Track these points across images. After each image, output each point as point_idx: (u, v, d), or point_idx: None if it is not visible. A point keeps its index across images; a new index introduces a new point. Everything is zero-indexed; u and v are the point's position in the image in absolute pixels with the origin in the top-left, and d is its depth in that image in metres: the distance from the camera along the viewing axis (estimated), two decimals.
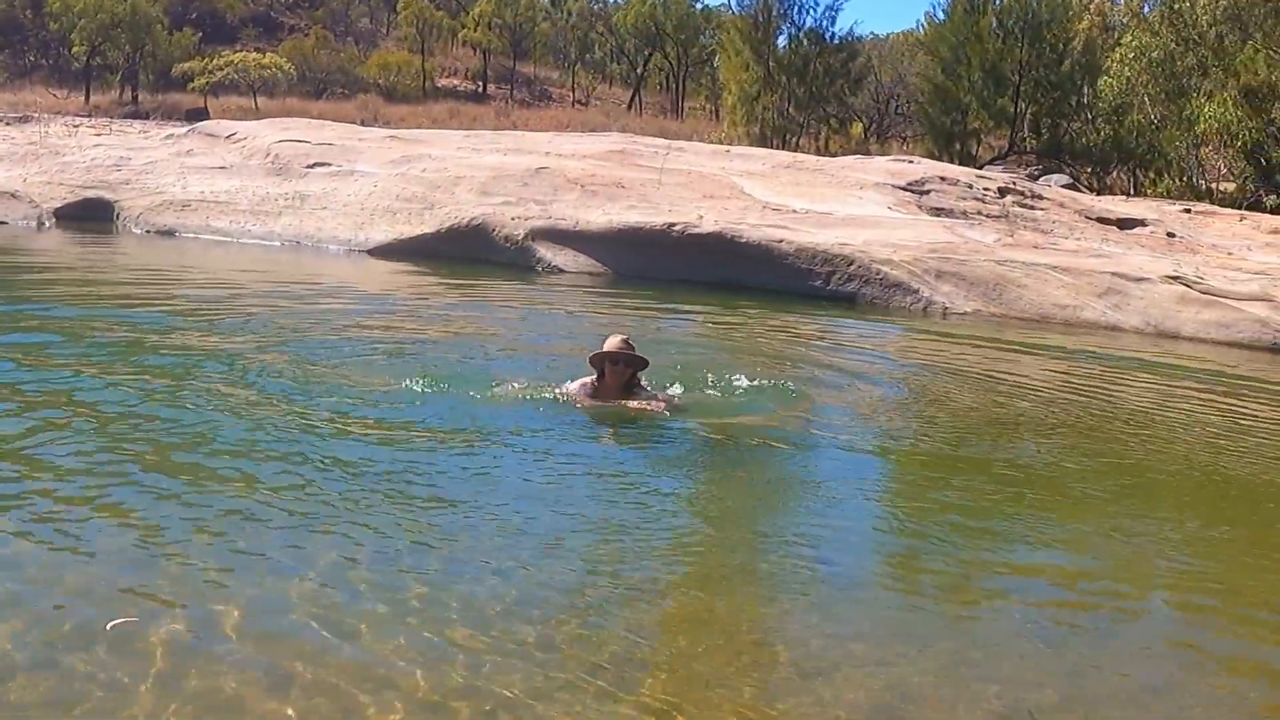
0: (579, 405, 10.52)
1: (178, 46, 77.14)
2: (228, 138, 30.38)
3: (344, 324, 14.75)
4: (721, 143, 42.41)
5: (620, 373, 10.50)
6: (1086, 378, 15.27)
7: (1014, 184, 28.80)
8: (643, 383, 10.76)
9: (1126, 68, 43.59)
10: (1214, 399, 14.66)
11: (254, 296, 17.04)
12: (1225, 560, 8.24)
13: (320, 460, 8.54)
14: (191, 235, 24.87)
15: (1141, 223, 26.22)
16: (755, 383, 12.00)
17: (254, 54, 73.23)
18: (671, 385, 11.27)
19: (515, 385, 11.03)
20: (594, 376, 10.64)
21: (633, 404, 10.53)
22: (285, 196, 25.90)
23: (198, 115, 55.60)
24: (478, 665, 5.55)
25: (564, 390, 10.73)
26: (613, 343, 10.61)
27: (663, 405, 10.64)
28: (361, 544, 6.97)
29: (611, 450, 9.92)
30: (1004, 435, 11.32)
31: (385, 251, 23.56)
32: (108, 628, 5.60)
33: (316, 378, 11.20)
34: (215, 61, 70.33)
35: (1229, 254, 24.22)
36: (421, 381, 11.04)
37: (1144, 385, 15.10)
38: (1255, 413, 13.84)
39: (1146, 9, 46.47)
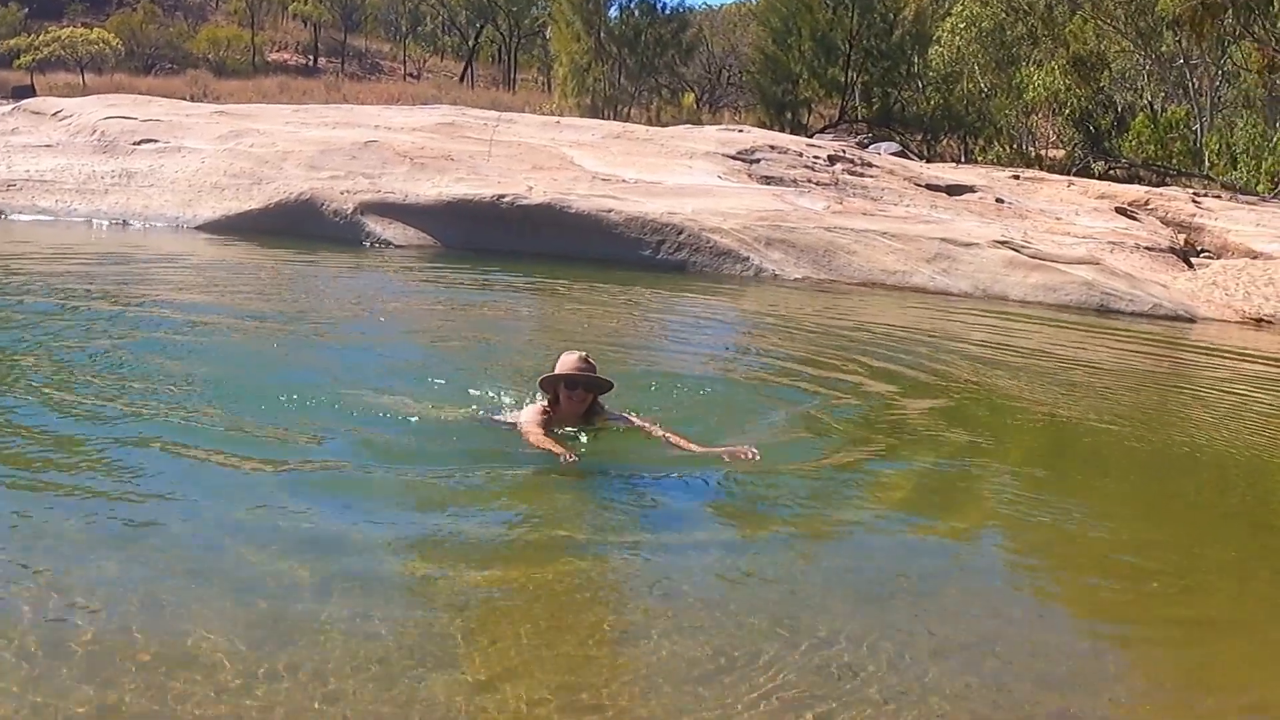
0: (530, 439, 8.35)
1: (3, 23, 75.44)
2: (54, 115, 29.57)
3: (176, 312, 14.19)
4: (553, 114, 42.30)
5: (580, 398, 8.54)
6: (923, 333, 15.42)
7: (844, 152, 29.06)
8: (605, 405, 8.81)
9: (957, 37, 44.37)
10: (1052, 346, 14.94)
11: (65, 273, 16.60)
12: (1060, 508, 8.35)
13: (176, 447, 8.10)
14: (17, 215, 24.19)
15: (971, 189, 26.53)
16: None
17: (81, 29, 71.85)
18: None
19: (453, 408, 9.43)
20: (545, 402, 8.67)
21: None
22: (112, 174, 25.33)
23: (24, 92, 54.30)
24: (288, 643, 5.37)
25: (511, 420, 8.79)
26: (568, 362, 8.57)
27: (663, 432, 8.74)
28: (193, 526, 6.74)
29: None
30: (844, 388, 11.37)
31: (214, 228, 23.12)
32: None
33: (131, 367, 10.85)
34: (42, 38, 68.87)
35: (1057, 219, 24.60)
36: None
37: (983, 336, 15.35)
38: (1098, 361, 14.20)
39: None
